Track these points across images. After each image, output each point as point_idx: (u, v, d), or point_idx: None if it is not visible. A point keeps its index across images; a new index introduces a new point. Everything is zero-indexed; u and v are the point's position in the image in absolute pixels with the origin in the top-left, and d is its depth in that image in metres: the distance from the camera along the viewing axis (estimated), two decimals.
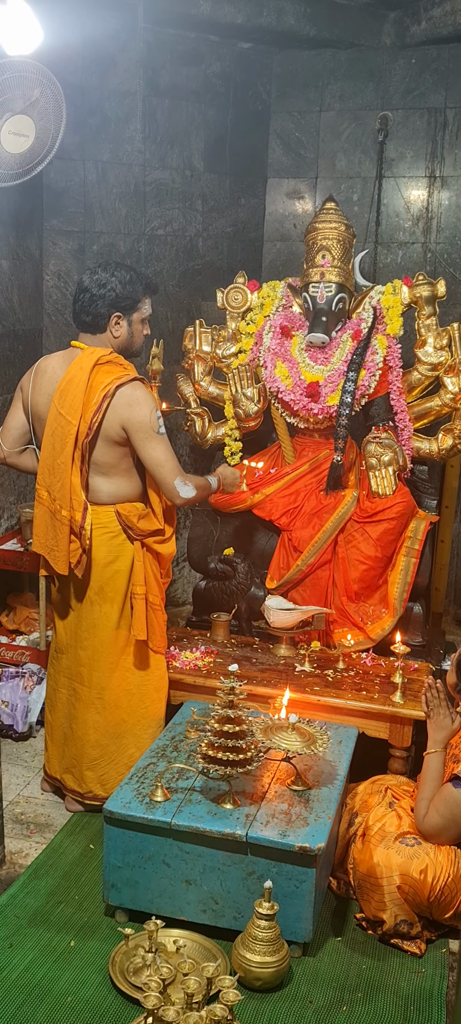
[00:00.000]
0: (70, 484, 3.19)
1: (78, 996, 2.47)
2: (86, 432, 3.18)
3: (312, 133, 5.19)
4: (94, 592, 3.29)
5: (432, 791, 2.79)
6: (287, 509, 4.03)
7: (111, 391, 3.17)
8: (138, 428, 3.18)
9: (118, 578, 3.28)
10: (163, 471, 3.21)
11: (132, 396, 3.19)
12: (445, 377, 4.13)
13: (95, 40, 4.59)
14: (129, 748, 3.33)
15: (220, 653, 3.71)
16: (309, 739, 2.89)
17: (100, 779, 3.34)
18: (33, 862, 3.06)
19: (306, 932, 2.64)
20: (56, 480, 3.23)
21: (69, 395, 3.21)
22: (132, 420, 3.18)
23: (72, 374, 3.22)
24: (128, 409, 3.18)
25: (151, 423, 3.18)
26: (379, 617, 3.83)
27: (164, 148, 4.95)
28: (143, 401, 3.20)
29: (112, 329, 3.30)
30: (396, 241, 5.16)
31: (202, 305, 5.11)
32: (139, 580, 3.26)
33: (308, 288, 4.14)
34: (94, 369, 3.20)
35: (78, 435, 3.18)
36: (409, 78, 5.01)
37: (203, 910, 2.68)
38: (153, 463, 3.21)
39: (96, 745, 3.33)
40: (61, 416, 3.21)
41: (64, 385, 3.22)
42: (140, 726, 3.34)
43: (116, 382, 3.19)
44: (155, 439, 3.19)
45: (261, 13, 4.83)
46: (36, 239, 4.77)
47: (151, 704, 3.36)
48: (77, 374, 3.21)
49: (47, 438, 3.26)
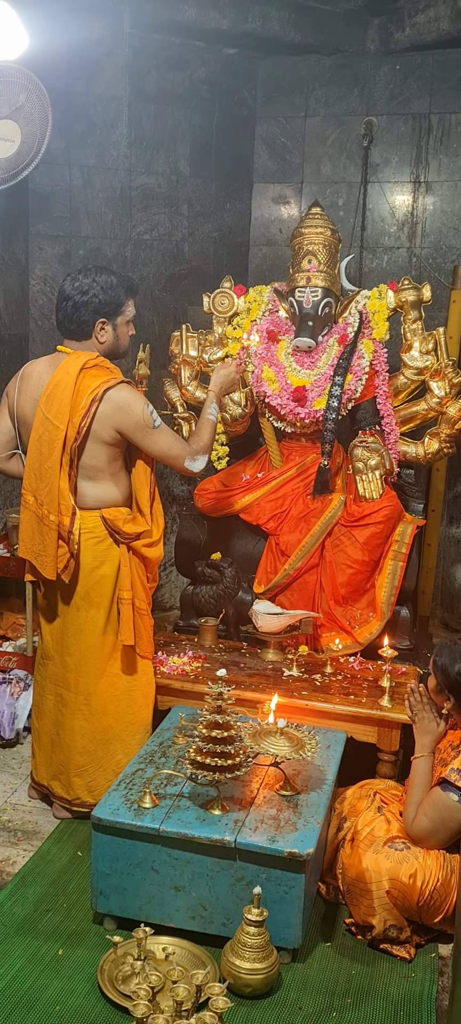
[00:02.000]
0: (58, 488, 3.18)
1: (66, 1005, 2.45)
2: (74, 436, 3.18)
3: (297, 138, 5.21)
4: (80, 597, 3.27)
5: (420, 795, 2.79)
6: (274, 513, 4.04)
7: (99, 395, 3.18)
8: (135, 428, 3.22)
9: (104, 583, 3.27)
10: (172, 459, 3.33)
11: (122, 399, 3.21)
12: (431, 381, 4.14)
13: (81, 45, 4.59)
14: (117, 754, 3.32)
15: (208, 658, 3.71)
16: (297, 744, 2.89)
17: (88, 785, 3.32)
18: (20, 870, 3.04)
19: (295, 938, 2.63)
20: (43, 484, 3.21)
21: (56, 400, 3.20)
22: (126, 423, 3.20)
23: (58, 378, 3.22)
24: (121, 413, 3.19)
25: (146, 420, 3.22)
26: (367, 621, 3.84)
27: (150, 153, 4.95)
28: (133, 401, 3.22)
29: (97, 335, 3.31)
30: (382, 246, 5.17)
31: (188, 310, 5.11)
32: (125, 585, 3.26)
33: (294, 293, 4.14)
34: (81, 373, 3.20)
35: (66, 440, 3.18)
36: (393, 84, 5.03)
37: (192, 917, 2.67)
38: (160, 455, 3.31)
39: (83, 751, 3.32)
40: (48, 421, 3.20)
41: (51, 390, 3.22)
42: (127, 732, 3.33)
43: (104, 386, 3.19)
44: (154, 433, 3.25)
45: (246, 19, 4.84)
46: (22, 244, 4.76)
47: (139, 710, 3.35)
48: (63, 378, 3.21)
49: (33, 443, 3.25)
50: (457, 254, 5.04)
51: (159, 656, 3.63)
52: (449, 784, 2.71)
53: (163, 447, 3.29)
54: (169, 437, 3.32)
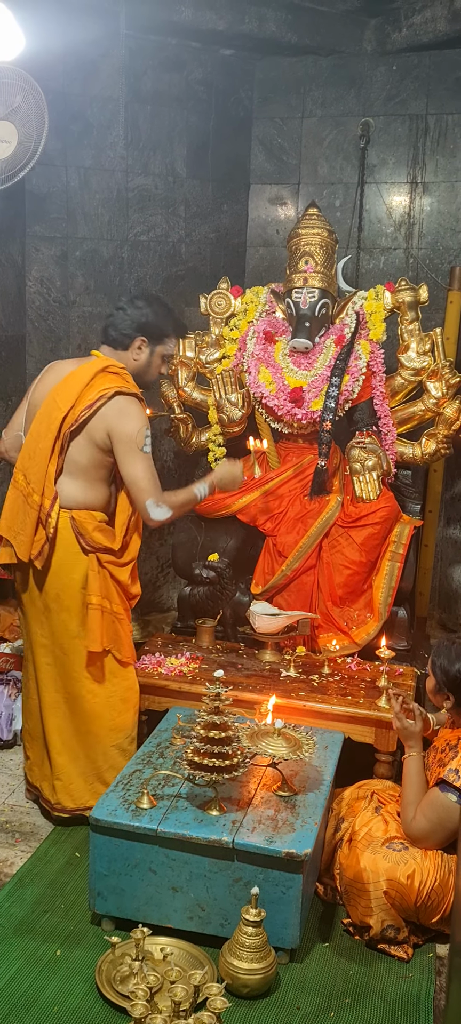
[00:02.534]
0: (46, 472, 3.19)
1: (64, 1005, 2.45)
2: (72, 423, 3.19)
3: (294, 139, 5.21)
4: (51, 599, 3.25)
5: (415, 794, 2.79)
6: (272, 514, 4.04)
7: (108, 395, 3.19)
8: (123, 439, 3.19)
9: (73, 587, 3.24)
10: (138, 489, 3.21)
11: (125, 407, 3.21)
12: (428, 382, 4.15)
13: (77, 46, 4.58)
14: (97, 759, 3.30)
15: (205, 659, 3.71)
16: (295, 744, 2.89)
17: (67, 789, 3.30)
18: (18, 871, 3.04)
19: (293, 938, 2.63)
20: (34, 465, 3.22)
21: (68, 386, 3.24)
22: (118, 430, 3.19)
23: (78, 371, 3.28)
24: (118, 417, 3.19)
25: (137, 439, 3.19)
26: (364, 622, 3.84)
27: (146, 154, 4.95)
28: (134, 415, 3.21)
29: (134, 351, 3.37)
30: (378, 247, 5.18)
31: (185, 311, 5.10)
32: (93, 590, 3.21)
33: (291, 294, 4.15)
34: (101, 373, 3.24)
35: (63, 423, 3.19)
36: (390, 85, 5.04)
37: (190, 917, 2.68)
38: (130, 478, 3.21)
39: (61, 753, 3.30)
40: (54, 403, 3.23)
41: (68, 378, 3.26)
42: (108, 737, 3.30)
43: (115, 388, 3.21)
44: (137, 455, 3.19)
45: (243, 20, 4.84)
46: (18, 245, 4.76)
47: (118, 715, 3.31)
48: (83, 371, 3.26)
49: (35, 424, 3.28)
50: (454, 255, 5.04)
51: (157, 657, 3.64)
52: (447, 784, 2.71)
53: (137, 474, 3.19)
54: (147, 470, 3.21)
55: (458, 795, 2.69)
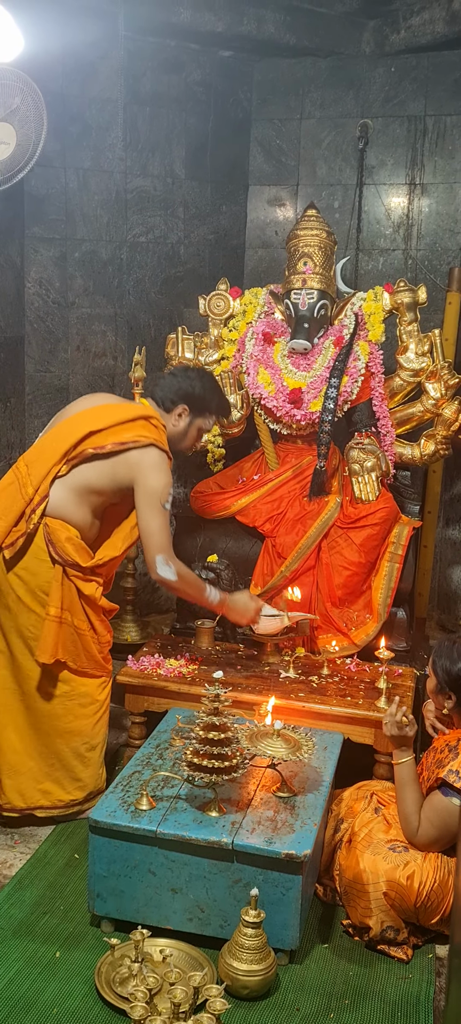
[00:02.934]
0: (48, 471, 3.22)
1: (64, 1007, 2.45)
2: (98, 447, 3.23)
3: (293, 141, 5.22)
4: (12, 600, 3.24)
5: (414, 801, 2.77)
6: (270, 515, 4.04)
7: (143, 443, 3.25)
8: (148, 491, 3.24)
9: (38, 593, 3.23)
10: (152, 541, 3.27)
11: (158, 462, 3.27)
12: (427, 383, 4.15)
13: (76, 48, 4.59)
14: (49, 757, 3.28)
15: (205, 660, 3.70)
16: (294, 745, 2.89)
17: (18, 788, 3.27)
18: (17, 873, 3.04)
19: (293, 939, 2.63)
20: (40, 461, 3.25)
21: (107, 411, 3.33)
22: (146, 481, 3.24)
23: (122, 406, 3.42)
24: (148, 469, 3.25)
25: (162, 495, 3.25)
26: (363, 623, 3.84)
27: (145, 155, 4.96)
28: (164, 472, 3.28)
29: (175, 416, 3.49)
30: (377, 248, 5.18)
31: (184, 312, 5.11)
32: (54, 601, 3.19)
33: (290, 295, 4.15)
34: (143, 420, 3.32)
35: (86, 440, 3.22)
36: (389, 86, 5.04)
37: (189, 919, 2.67)
38: (147, 529, 3.27)
39: (14, 750, 3.27)
40: (86, 417, 3.29)
41: (110, 406, 3.39)
42: (61, 739, 3.27)
43: (152, 440, 3.27)
44: (157, 509, 3.25)
45: (241, 22, 4.85)
46: (17, 246, 4.76)
47: (75, 720, 3.28)
48: (126, 408, 3.39)
49: (58, 427, 3.34)
50: (452, 256, 5.05)
51: (156, 658, 3.63)
52: (449, 787, 2.71)
53: (153, 527, 3.24)
54: (163, 526, 3.27)
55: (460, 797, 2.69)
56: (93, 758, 3.33)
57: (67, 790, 3.30)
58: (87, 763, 3.32)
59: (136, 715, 3.59)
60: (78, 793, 3.32)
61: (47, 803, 3.29)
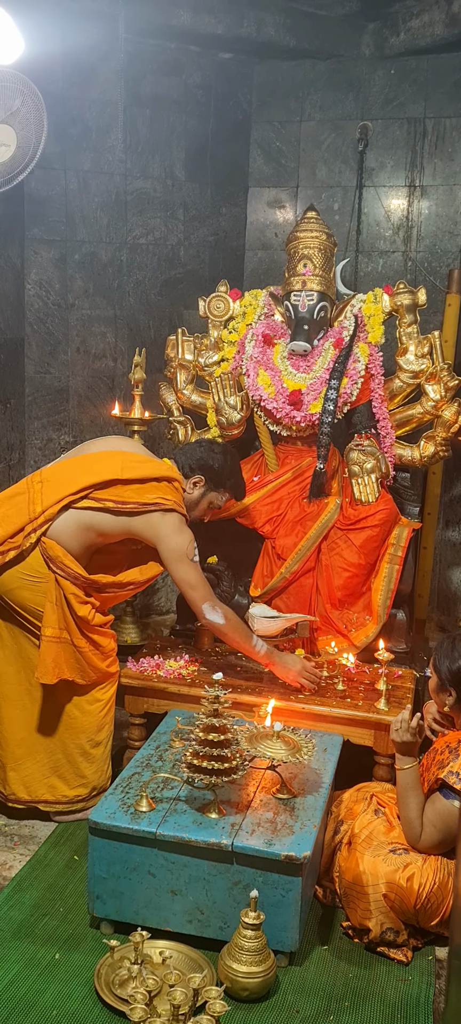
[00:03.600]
0: (62, 500, 3.23)
1: (63, 1009, 2.45)
2: (121, 501, 3.27)
3: (293, 143, 5.22)
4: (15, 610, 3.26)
5: (417, 807, 2.76)
6: (270, 517, 4.04)
7: (165, 507, 3.32)
8: (175, 550, 3.32)
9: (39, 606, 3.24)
10: (195, 594, 3.36)
11: (179, 525, 3.35)
12: (426, 385, 4.15)
13: (76, 50, 4.59)
14: (55, 752, 3.31)
15: (204, 661, 3.71)
16: (294, 747, 2.89)
17: (23, 780, 3.31)
18: (17, 874, 3.04)
19: (292, 941, 2.63)
20: (58, 485, 3.28)
21: (135, 460, 3.40)
22: (172, 543, 3.31)
23: (151, 460, 3.49)
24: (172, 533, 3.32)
25: (188, 551, 3.33)
26: (363, 624, 3.84)
27: (145, 157, 4.96)
28: (186, 533, 3.36)
29: (191, 483, 3.56)
30: (377, 250, 5.19)
31: (184, 314, 5.11)
32: (50, 621, 3.20)
33: (290, 297, 4.15)
34: (167, 481, 3.40)
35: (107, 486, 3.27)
36: (388, 88, 5.05)
37: (189, 920, 2.67)
38: (185, 584, 3.36)
39: (20, 743, 3.31)
40: (115, 460, 3.35)
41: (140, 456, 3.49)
42: (67, 733, 3.31)
43: (173, 506, 3.34)
44: (187, 564, 3.34)
45: (241, 24, 4.85)
46: (17, 248, 4.76)
47: (81, 716, 3.31)
48: (155, 465, 3.45)
49: (88, 457, 3.42)
50: (452, 258, 5.05)
51: (155, 660, 3.63)
52: (449, 789, 2.71)
53: (192, 580, 3.34)
54: (200, 576, 3.38)
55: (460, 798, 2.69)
56: (97, 755, 3.34)
57: (71, 786, 3.32)
58: (92, 760, 3.33)
59: (136, 716, 3.59)
60: (82, 790, 3.33)
61: (51, 797, 3.31)
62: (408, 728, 2.80)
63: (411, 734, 2.81)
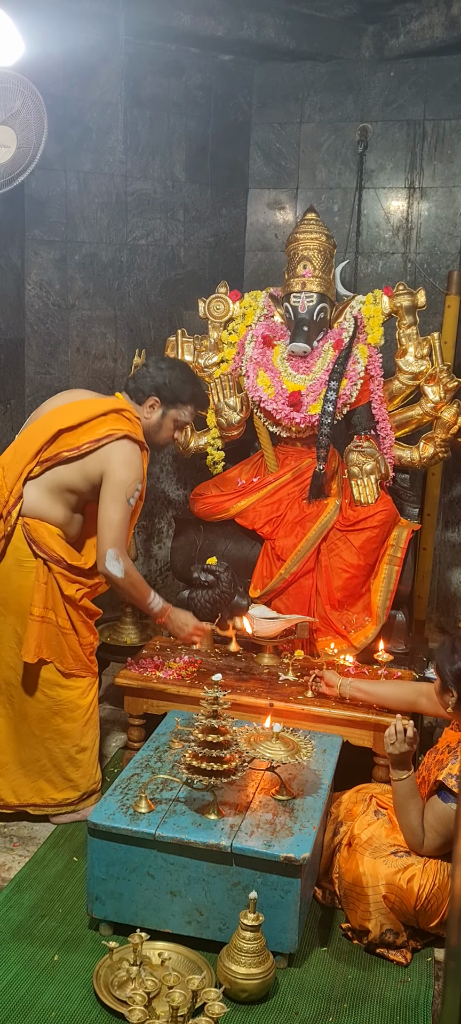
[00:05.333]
0: (21, 472, 3.21)
1: (62, 1011, 2.45)
2: (72, 448, 3.20)
3: (292, 144, 5.22)
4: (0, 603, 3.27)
5: (416, 815, 2.75)
6: (270, 518, 4.04)
7: (116, 436, 3.22)
8: (115, 482, 3.20)
9: (22, 593, 3.23)
10: (108, 532, 3.21)
11: (129, 455, 3.24)
12: (426, 386, 4.15)
13: (76, 51, 4.59)
14: (41, 759, 3.30)
15: (204, 662, 3.71)
16: (293, 748, 2.89)
17: (10, 785, 3.31)
18: (16, 875, 3.04)
19: (291, 943, 2.63)
20: (14, 463, 3.24)
21: (79, 407, 3.29)
22: (115, 473, 3.21)
23: (94, 400, 3.34)
24: (118, 461, 3.22)
25: (128, 488, 3.21)
26: (362, 625, 3.84)
27: (145, 159, 4.96)
28: (134, 467, 3.25)
29: (146, 409, 3.45)
30: (376, 251, 5.19)
31: (184, 315, 5.11)
32: (37, 601, 3.20)
33: (289, 298, 4.15)
34: (115, 413, 3.29)
35: (59, 439, 3.20)
36: (388, 90, 5.05)
37: (188, 922, 2.67)
38: (105, 519, 3.22)
39: (4, 750, 3.30)
40: (59, 414, 3.26)
41: (82, 402, 3.32)
42: (52, 741, 3.29)
43: (125, 432, 3.24)
44: (120, 503, 3.21)
45: (241, 26, 4.85)
46: (18, 249, 4.76)
47: (64, 721, 3.30)
48: (98, 403, 3.32)
49: (32, 426, 3.31)
50: (451, 259, 5.05)
51: (155, 660, 3.63)
52: (447, 792, 2.71)
53: (112, 519, 3.20)
54: (123, 521, 3.22)
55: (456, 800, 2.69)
56: (84, 760, 3.34)
57: (60, 789, 3.33)
58: (78, 765, 3.33)
59: (135, 718, 3.59)
60: (71, 793, 3.33)
61: (40, 801, 3.32)
62: (404, 739, 2.79)
63: (408, 744, 2.80)
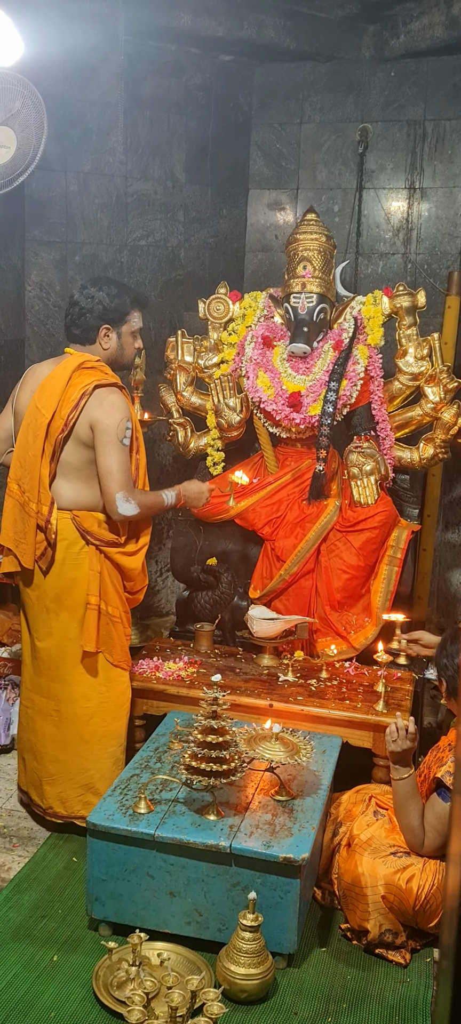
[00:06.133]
0: (39, 476, 3.20)
1: (62, 1011, 2.45)
2: (61, 428, 3.18)
3: (293, 145, 5.22)
4: (50, 600, 3.25)
5: (417, 815, 2.75)
6: (270, 519, 4.04)
7: (89, 390, 3.18)
8: (103, 430, 3.16)
9: (75, 587, 3.24)
10: (110, 480, 3.17)
11: (107, 399, 3.20)
12: (426, 387, 4.15)
13: (76, 52, 4.59)
14: (88, 768, 3.28)
15: (203, 663, 3.71)
16: (293, 749, 2.89)
17: (59, 796, 3.29)
18: (16, 876, 3.04)
19: (291, 943, 2.63)
20: (26, 473, 3.23)
21: (47, 389, 3.23)
22: (100, 422, 3.16)
23: (55, 372, 3.26)
24: (99, 409, 3.18)
25: (117, 430, 3.17)
26: (362, 626, 3.84)
27: (146, 159, 4.96)
28: (115, 407, 3.19)
29: (101, 341, 3.34)
30: (377, 252, 5.19)
31: (184, 315, 5.11)
32: (92, 590, 3.22)
33: (289, 299, 4.15)
34: (77, 371, 3.23)
35: (50, 429, 3.19)
36: (388, 91, 5.05)
37: (187, 922, 2.67)
38: (104, 469, 3.17)
39: (54, 760, 3.29)
40: (38, 410, 3.22)
41: (46, 381, 3.25)
42: (99, 745, 3.29)
43: (94, 382, 3.20)
44: (114, 446, 3.17)
45: (242, 26, 4.85)
46: (18, 250, 4.76)
47: (112, 721, 3.30)
48: (60, 372, 3.25)
49: (22, 432, 3.27)
50: (452, 260, 5.05)
51: (155, 661, 3.64)
52: (446, 789, 2.71)
53: (112, 465, 3.15)
54: (122, 463, 3.18)
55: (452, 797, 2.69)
56: (124, 761, 3.33)
57: None
58: (121, 766, 3.31)
59: (135, 718, 3.59)
60: None
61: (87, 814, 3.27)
62: (407, 735, 2.79)
63: (410, 740, 2.81)
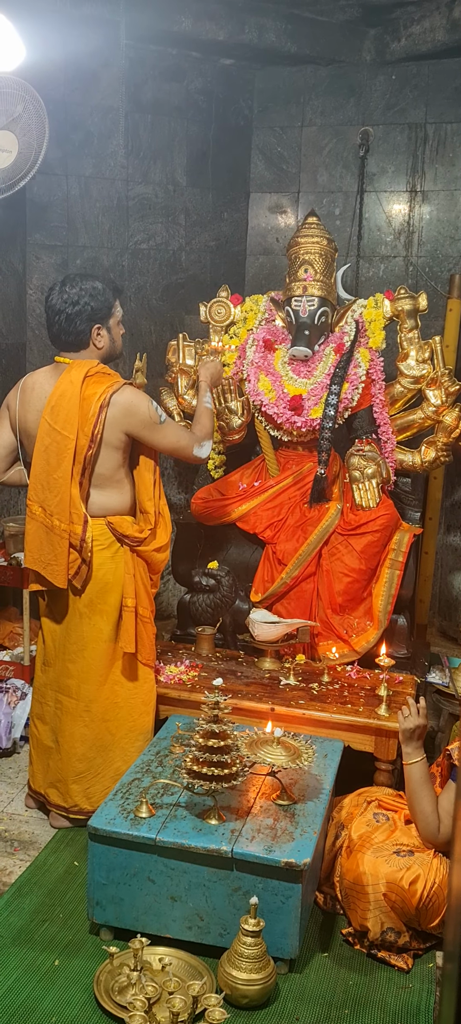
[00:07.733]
0: (70, 497, 3.21)
1: (63, 1016, 2.44)
2: (88, 445, 3.21)
3: (294, 148, 5.23)
4: (84, 605, 3.28)
5: (430, 801, 2.75)
6: (271, 522, 4.04)
7: (106, 400, 3.21)
8: (143, 427, 3.28)
9: (109, 591, 3.29)
10: (179, 450, 3.43)
11: (128, 401, 3.25)
12: (427, 390, 4.15)
13: (77, 56, 4.60)
14: (116, 761, 3.33)
15: (205, 667, 3.70)
16: (294, 753, 2.88)
17: (86, 792, 3.32)
18: (17, 880, 3.04)
19: (292, 948, 2.62)
20: (52, 495, 3.23)
21: (62, 410, 3.22)
22: (134, 424, 3.26)
23: (62, 389, 3.24)
24: (128, 415, 3.25)
25: (152, 417, 3.29)
26: (364, 629, 3.84)
27: (147, 163, 4.97)
28: (138, 401, 3.28)
29: (95, 341, 3.33)
30: (378, 255, 5.19)
31: (185, 319, 5.12)
32: (129, 592, 3.29)
33: (291, 302, 4.15)
34: (85, 382, 3.24)
35: (77, 449, 3.20)
36: (389, 94, 5.05)
37: (189, 927, 2.67)
38: (169, 448, 3.40)
39: (83, 758, 3.32)
40: (55, 431, 3.22)
41: (55, 401, 3.24)
42: (127, 739, 3.34)
43: (109, 391, 3.23)
44: (161, 428, 3.33)
45: (242, 30, 4.86)
46: (19, 253, 4.77)
47: (139, 717, 3.36)
48: (68, 388, 3.23)
49: (39, 453, 3.26)
50: (453, 263, 5.05)
51: (157, 664, 3.63)
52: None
53: (172, 440, 3.37)
54: (175, 429, 3.43)
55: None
56: None
57: None
58: None
59: None
60: None
61: None
62: (418, 711, 2.83)
63: (422, 717, 2.83)
